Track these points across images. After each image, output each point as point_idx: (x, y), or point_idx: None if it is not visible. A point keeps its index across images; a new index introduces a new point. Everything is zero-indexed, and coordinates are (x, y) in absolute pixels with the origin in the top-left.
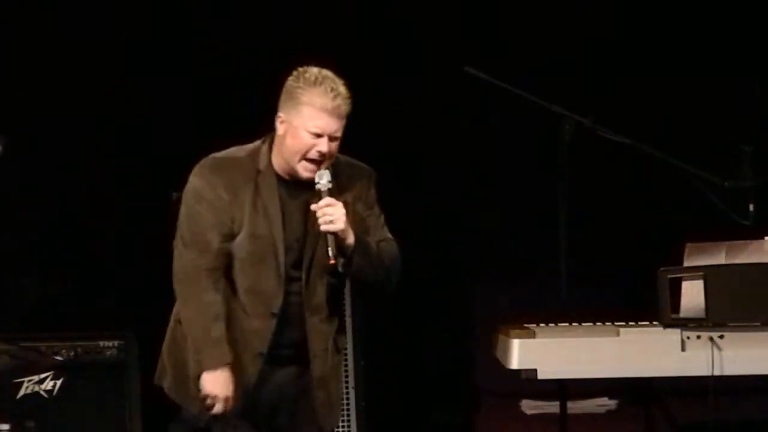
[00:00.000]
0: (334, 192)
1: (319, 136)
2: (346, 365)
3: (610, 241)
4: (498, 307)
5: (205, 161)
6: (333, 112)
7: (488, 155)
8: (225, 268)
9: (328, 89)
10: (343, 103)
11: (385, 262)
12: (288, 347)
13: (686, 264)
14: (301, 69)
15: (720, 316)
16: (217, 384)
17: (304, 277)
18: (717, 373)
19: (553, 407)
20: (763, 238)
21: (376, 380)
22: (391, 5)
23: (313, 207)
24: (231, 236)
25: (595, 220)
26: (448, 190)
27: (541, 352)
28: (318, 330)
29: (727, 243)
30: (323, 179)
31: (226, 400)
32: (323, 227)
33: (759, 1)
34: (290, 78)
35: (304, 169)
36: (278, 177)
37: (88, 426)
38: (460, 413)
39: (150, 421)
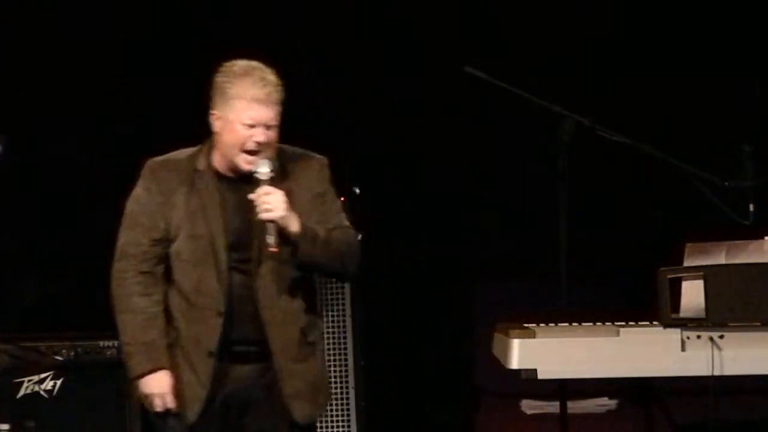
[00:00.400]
0: (279, 181)
1: (253, 126)
2: (345, 365)
3: (610, 241)
4: (498, 307)
5: (145, 164)
6: (265, 101)
7: (488, 155)
8: (163, 271)
9: (257, 79)
10: (273, 91)
11: (336, 250)
12: (247, 344)
13: (686, 264)
14: (227, 63)
15: (720, 316)
16: (151, 385)
17: (254, 270)
18: (717, 373)
19: (553, 407)
20: (763, 238)
21: (376, 380)
22: (391, 5)
23: (251, 196)
24: (166, 239)
25: (595, 220)
26: (447, 190)
27: (541, 352)
28: (275, 323)
29: (727, 243)
30: (262, 168)
31: (163, 397)
32: (262, 215)
33: (759, 1)
34: (217, 74)
35: (244, 162)
36: (220, 175)
37: (87, 426)
38: (460, 413)
39: (149, 421)
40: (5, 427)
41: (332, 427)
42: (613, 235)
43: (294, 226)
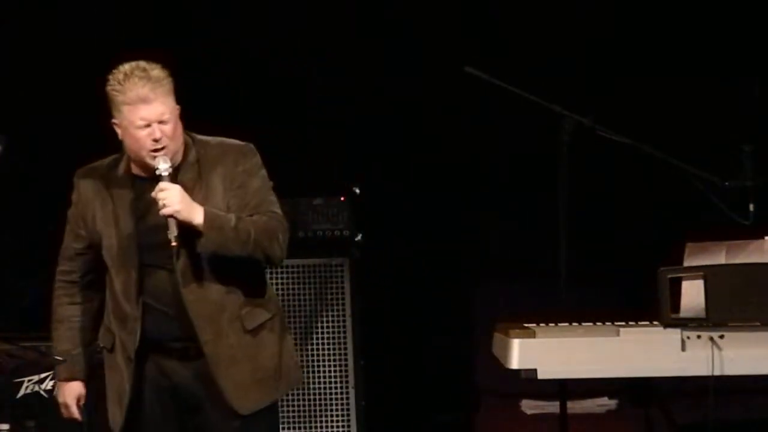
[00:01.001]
0: (196, 172)
1: (148, 125)
2: (345, 365)
3: (610, 241)
4: (498, 307)
5: (75, 174)
6: (149, 99)
7: (488, 155)
8: (91, 277)
9: (137, 79)
10: (156, 86)
11: (248, 236)
12: (180, 340)
13: (686, 264)
14: (114, 70)
15: (720, 316)
16: (60, 393)
17: (177, 267)
18: (717, 373)
19: (553, 407)
20: (763, 238)
21: (376, 380)
22: (391, 5)
23: (152, 194)
24: (89, 246)
25: (594, 220)
26: (447, 190)
27: (541, 352)
28: (202, 316)
29: (727, 243)
30: (161, 165)
31: (68, 407)
32: (161, 211)
33: (759, 1)
34: (107, 83)
35: (153, 159)
36: (138, 178)
37: (87, 426)
38: (460, 413)
39: None
40: (5, 426)
41: (332, 427)
42: (613, 234)
43: (197, 218)
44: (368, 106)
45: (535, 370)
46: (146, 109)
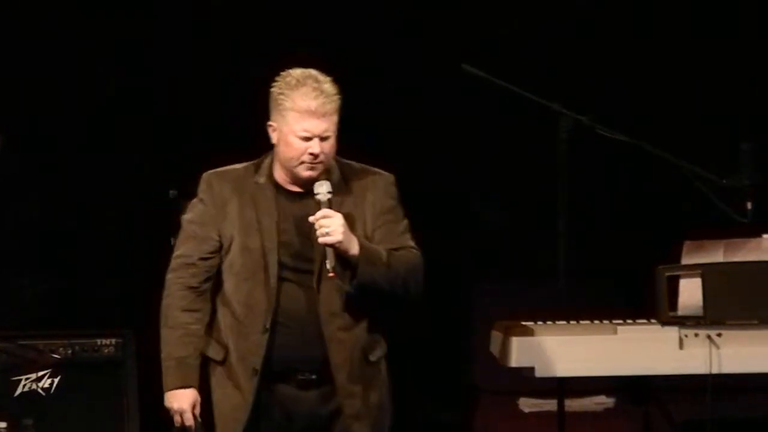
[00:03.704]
0: (342, 197)
1: (308, 139)
2: None
3: (608, 239)
4: (496, 305)
5: (202, 177)
6: (317, 113)
7: (488, 154)
8: (211, 287)
9: (310, 90)
10: (327, 101)
11: (398, 271)
12: (306, 363)
13: (684, 262)
14: (283, 73)
15: (718, 314)
16: (176, 400)
17: (316, 286)
18: (715, 371)
19: (551, 405)
20: (760, 236)
21: None
22: (391, 4)
23: (311, 219)
24: (218, 252)
25: (593, 218)
26: (446, 189)
27: (539, 350)
28: (336, 340)
29: (725, 241)
30: (322, 189)
31: (183, 413)
32: (320, 239)
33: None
34: (273, 84)
35: (304, 170)
36: (281, 188)
37: (85, 424)
38: (459, 411)
39: (147, 419)
40: (3, 425)
41: None
42: (611, 232)
43: (353, 249)
44: (368, 106)
45: (533, 368)
46: (312, 122)
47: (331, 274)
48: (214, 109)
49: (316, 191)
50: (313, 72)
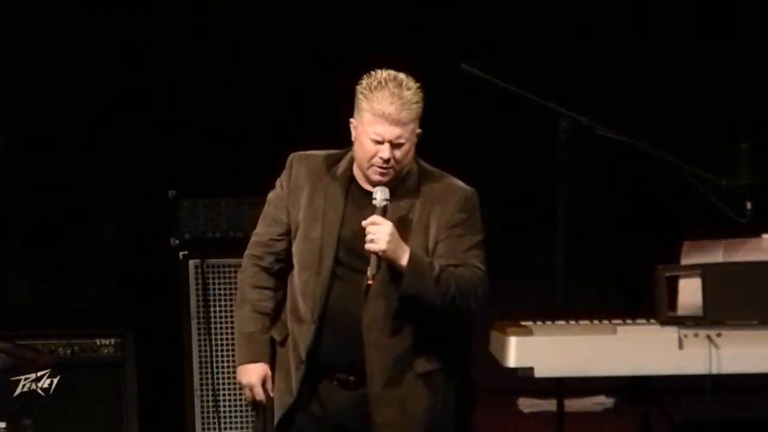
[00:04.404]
0: (409, 207)
1: (380, 143)
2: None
3: (608, 239)
4: (496, 305)
5: (289, 157)
6: (391, 118)
7: (487, 154)
8: (281, 266)
9: (388, 94)
10: (403, 108)
11: (447, 288)
12: (347, 362)
13: (683, 262)
14: (372, 72)
15: (717, 314)
16: (245, 374)
17: (364, 288)
18: (714, 371)
19: (550, 405)
20: (760, 236)
21: None
22: (391, 4)
23: (363, 223)
24: (286, 234)
25: (592, 218)
26: None
27: (539, 350)
28: (375, 345)
29: (724, 241)
30: (378, 195)
31: (253, 387)
32: (366, 245)
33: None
34: (360, 82)
35: (374, 173)
36: (355, 184)
37: (85, 424)
38: (458, 411)
39: (147, 419)
40: (2, 425)
41: None
42: (611, 233)
43: (402, 259)
44: None
45: (533, 368)
46: (385, 128)
47: (370, 281)
48: (214, 109)
49: (373, 196)
50: (399, 76)
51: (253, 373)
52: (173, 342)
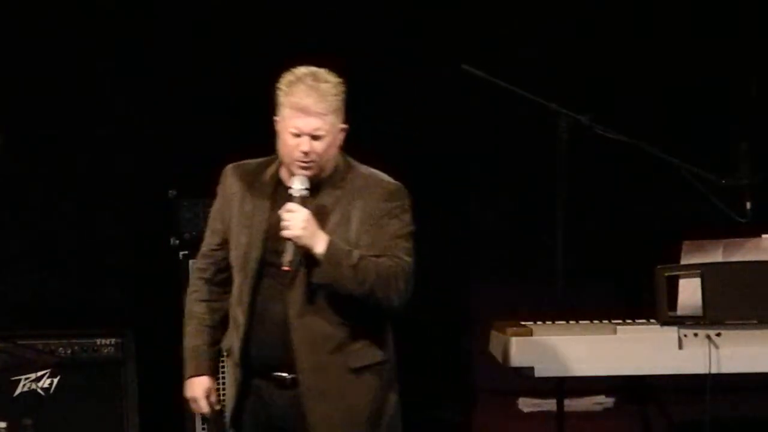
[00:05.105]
0: (334, 200)
1: (299, 136)
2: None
3: (608, 239)
4: (495, 305)
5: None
6: (308, 110)
7: (486, 153)
8: (224, 276)
9: (304, 87)
10: (320, 100)
11: (366, 277)
12: (280, 362)
13: (683, 261)
14: (291, 70)
15: (717, 314)
16: (189, 388)
17: (291, 288)
18: (714, 370)
19: (550, 405)
20: (760, 236)
21: None
22: (391, 4)
23: (279, 212)
24: (223, 243)
25: (592, 218)
26: (445, 188)
27: (539, 350)
28: (304, 341)
29: (724, 241)
30: (296, 185)
31: (196, 401)
32: (282, 233)
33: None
34: (279, 80)
35: (297, 168)
36: (282, 185)
37: (85, 424)
38: (458, 411)
39: (147, 419)
40: (2, 425)
41: None
42: (611, 232)
43: (317, 247)
44: (367, 105)
45: (533, 368)
46: (302, 120)
47: (285, 268)
48: (214, 109)
49: (291, 185)
50: (318, 71)
51: (196, 387)
52: (173, 342)
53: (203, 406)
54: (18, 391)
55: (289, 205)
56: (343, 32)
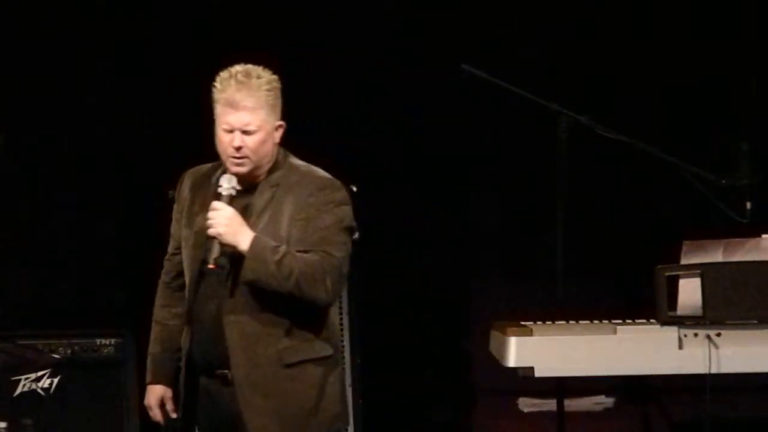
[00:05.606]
0: (270, 197)
1: (230, 131)
2: (343, 363)
3: (608, 239)
4: (495, 305)
5: None
6: (237, 105)
7: (486, 153)
8: (182, 280)
9: (234, 83)
10: (250, 95)
11: (290, 272)
12: (217, 358)
13: (683, 261)
14: (226, 69)
15: (717, 314)
16: (146, 395)
17: (224, 286)
18: (714, 370)
19: (550, 405)
20: (760, 236)
21: (373, 378)
22: (391, 4)
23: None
24: (180, 247)
25: (592, 218)
26: (445, 188)
27: (539, 350)
28: (237, 338)
29: (724, 240)
30: (224, 183)
31: (150, 409)
32: (208, 231)
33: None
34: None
35: (231, 166)
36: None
37: (85, 424)
38: (458, 411)
39: (147, 419)
40: (2, 425)
41: None
42: (611, 232)
43: (243, 243)
44: (367, 105)
45: (533, 368)
46: (232, 115)
47: (210, 266)
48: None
49: (219, 183)
50: (250, 67)
51: (150, 395)
52: None
53: (155, 415)
54: (18, 391)
55: (214, 204)
56: (343, 32)
